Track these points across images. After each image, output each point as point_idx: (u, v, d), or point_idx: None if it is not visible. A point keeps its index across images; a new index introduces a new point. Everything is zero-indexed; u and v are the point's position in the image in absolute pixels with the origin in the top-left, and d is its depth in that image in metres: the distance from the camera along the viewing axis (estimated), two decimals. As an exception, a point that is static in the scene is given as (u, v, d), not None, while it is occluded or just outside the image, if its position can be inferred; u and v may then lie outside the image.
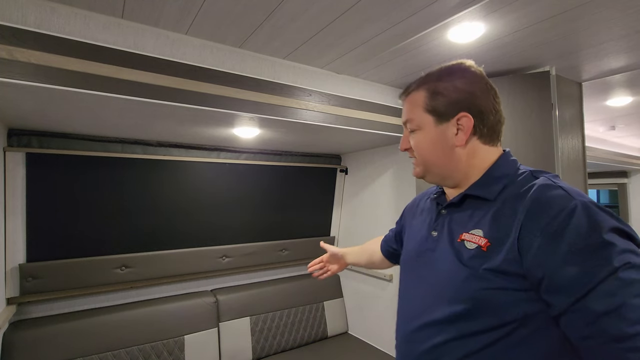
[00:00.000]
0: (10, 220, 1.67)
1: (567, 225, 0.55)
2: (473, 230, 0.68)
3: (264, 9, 1.18)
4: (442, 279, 0.69)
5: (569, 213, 0.56)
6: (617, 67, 1.72)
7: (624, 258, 0.52)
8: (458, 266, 0.67)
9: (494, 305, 0.61)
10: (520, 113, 1.68)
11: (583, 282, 0.52)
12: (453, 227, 0.73)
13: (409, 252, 0.85)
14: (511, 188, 0.68)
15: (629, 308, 0.49)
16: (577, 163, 1.84)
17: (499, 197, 0.68)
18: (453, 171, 0.75)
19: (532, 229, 0.59)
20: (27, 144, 1.67)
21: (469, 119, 0.72)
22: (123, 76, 1.20)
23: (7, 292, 1.67)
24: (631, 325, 0.49)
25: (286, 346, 2.41)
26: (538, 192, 0.62)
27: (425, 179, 0.80)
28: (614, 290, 0.50)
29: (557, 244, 0.55)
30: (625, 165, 4.02)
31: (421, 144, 0.76)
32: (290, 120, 1.58)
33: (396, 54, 1.54)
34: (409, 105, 0.78)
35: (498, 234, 0.63)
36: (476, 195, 0.71)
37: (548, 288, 0.56)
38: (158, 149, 2.00)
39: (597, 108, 2.52)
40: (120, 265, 1.97)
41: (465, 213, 0.72)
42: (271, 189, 2.50)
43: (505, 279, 0.60)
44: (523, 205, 0.62)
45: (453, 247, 0.70)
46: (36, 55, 1.06)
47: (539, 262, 0.57)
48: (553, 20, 1.27)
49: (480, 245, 0.65)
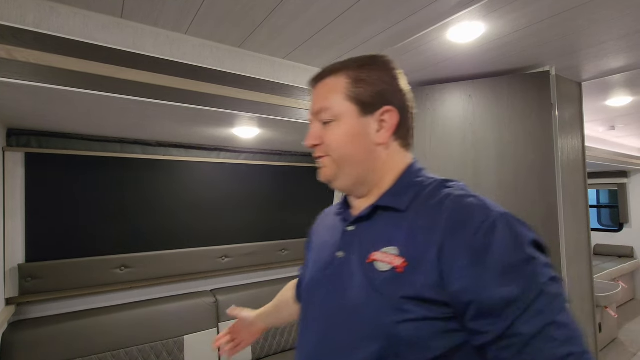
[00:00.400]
0: (10, 220, 1.66)
1: (491, 242, 0.49)
2: (385, 248, 0.57)
3: (263, 9, 1.18)
4: (350, 312, 0.57)
5: (491, 227, 0.50)
6: (617, 67, 1.72)
7: (547, 273, 0.49)
8: (369, 294, 0.55)
9: (415, 341, 0.50)
10: (520, 113, 1.68)
11: (515, 304, 0.46)
12: (362, 246, 0.61)
13: (308, 281, 0.70)
14: (422, 197, 0.60)
15: (556, 327, 0.46)
16: (577, 163, 1.84)
17: (411, 207, 0.59)
18: (370, 173, 0.64)
19: (454, 246, 0.51)
20: (26, 144, 1.67)
21: (395, 115, 0.64)
22: (122, 76, 1.19)
23: (6, 292, 1.67)
24: (560, 345, 0.45)
25: (286, 346, 2.40)
26: (455, 203, 0.55)
27: (334, 183, 0.66)
28: (542, 308, 0.46)
29: (484, 263, 0.48)
30: (625, 165, 4.02)
31: (339, 137, 0.63)
32: (290, 120, 1.57)
33: (396, 53, 1.54)
34: (323, 91, 0.66)
35: (415, 252, 0.54)
36: (387, 207, 0.62)
37: (478, 313, 0.48)
38: (158, 149, 2.00)
39: (597, 108, 2.52)
40: (119, 265, 1.97)
41: (376, 228, 0.61)
42: (271, 189, 2.50)
43: (426, 308, 0.51)
44: (440, 218, 0.54)
45: (362, 270, 0.58)
46: (35, 55, 1.06)
47: (466, 285, 0.49)
48: (553, 20, 1.27)
49: (395, 266, 0.54)
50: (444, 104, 1.83)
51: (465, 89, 1.78)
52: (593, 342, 1.86)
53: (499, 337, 0.47)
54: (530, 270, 0.48)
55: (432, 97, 1.85)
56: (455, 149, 1.79)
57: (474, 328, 0.49)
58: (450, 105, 1.81)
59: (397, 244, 0.56)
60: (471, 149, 1.76)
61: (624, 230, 4.72)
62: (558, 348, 0.45)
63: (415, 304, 0.51)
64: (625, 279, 4.22)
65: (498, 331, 0.47)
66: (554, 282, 0.49)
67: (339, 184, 0.66)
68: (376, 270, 0.56)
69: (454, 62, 1.64)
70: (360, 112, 0.63)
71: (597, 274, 3.60)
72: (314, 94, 0.68)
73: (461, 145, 1.78)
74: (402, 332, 0.51)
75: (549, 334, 0.45)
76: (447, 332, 0.51)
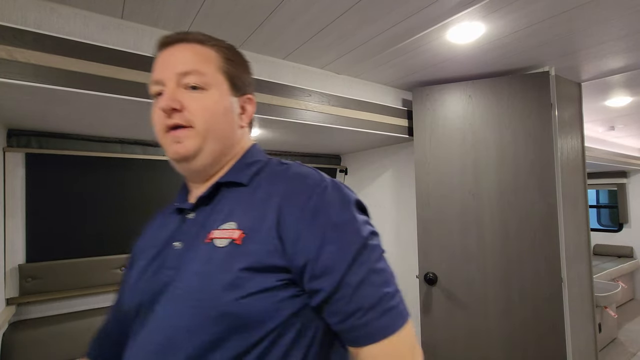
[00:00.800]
0: (10, 221, 1.66)
1: (323, 203, 0.53)
2: (224, 224, 0.55)
3: (263, 9, 1.18)
4: (189, 300, 0.52)
5: (323, 190, 0.54)
6: (617, 67, 1.72)
7: (368, 228, 0.55)
8: (207, 275, 0.51)
9: (257, 316, 0.49)
10: (519, 113, 1.68)
11: (344, 258, 0.51)
12: (204, 229, 0.57)
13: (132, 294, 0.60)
14: (265, 172, 0.61)
15: (375, 273, 0.52)
16: (576, 163, 1.85)
17: (254, 181, 0.59)
18: (227, 153, 0.63)
19: (291, 210, 0.53)
20: (27, 144, 1.67)
21: (254, 104, 0.67)
22: (122, 76, 1.19)
23: (6, 292, 1.67)
24: (379, 288, 0.52)
25: (286, 346, 2.40)
26: (292, 171, 0.58)
27: (193, 161, 0.60)
28: (365, 259, 0.52)
29: (318, 222, 0.52)
30: (625, 166, 4.03)
31: (210, 108, 0.59)
32: (290, 121, 1.58)
33: (396, 54, 1.54)
34: (191, 55, 0.59)
35: (254, 222, 0.53)
36: (230, 182, 0.60)
37: (313, 273, 0.51)
38: (158, 149, 2.00)
39: (597, 108, 2.53)
40: (120, 266, 1.97)
41: (217, 208, 0.59)
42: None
43: (266, 277, 0.50)
44: (278, 185, 0.56)
45: (201, 252, 0.54)
46: (36, 56, 1.06)
47: (303, 245, 0.51)
48: (553, 20, 1.27)
49: (233, 239, 0.53)
50: (444, 104, 1.83)
51: (465, 89, 1.79)
52: (593, 342, 1.87)
53: (333, 291, 0.50)
54: (356, 227, 0.53)
55: (432, 97, 1.85)
56: (455, 149, 1.79)
57: (312, 288, 0.51)
58: (450, 106, 1.81)
59: (235, 218, 0.55)
60: (471, 149, 1.76)
61: (623, 230, 4.72)
62: (377, 290, 0.51)
63: (255, 275, 0.50)
64: (624, 279, 4.23)
65: (332, 285, 0.50)
66: (374, 235, 0.55)
67: (198, 163, 0.60)
68: (215, 248, 0.53)
69: (454, 62, 1.64)
70: (230, 90, 0.62)
71: (596, 274, 3.60)
72: (172, 54, 0.60)
73: (461, 145, 1.78)
74: (244, 308, 0.49)
75: (370, 280, 0.51)
76: (288, 300, 0.51)
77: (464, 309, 1.72)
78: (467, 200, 1.75)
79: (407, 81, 1.89)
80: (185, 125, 0.58)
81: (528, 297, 1.61)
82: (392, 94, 1.99)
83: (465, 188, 1.76)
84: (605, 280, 3.59)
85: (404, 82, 1.91)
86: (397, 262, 2.31)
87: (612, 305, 3.21)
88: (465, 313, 1.72)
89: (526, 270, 1.62)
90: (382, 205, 2.45)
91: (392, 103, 1.97)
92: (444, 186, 1.80)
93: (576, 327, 1.70)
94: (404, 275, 2.26)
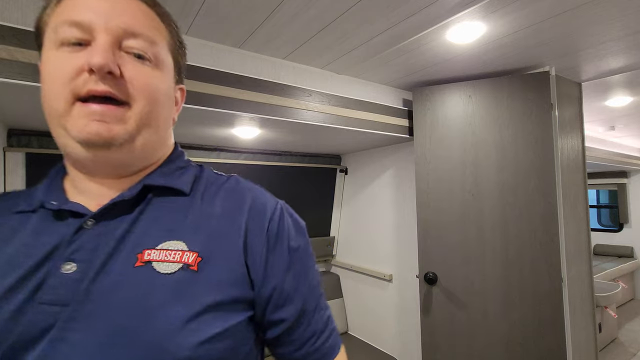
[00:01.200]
0: (10, 221, 1.66)
1: (282, 227, 0.49)
2: (165, 242, 0.43)
3: (264, 9, 1.18)
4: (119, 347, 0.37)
5: (281, 213, 0.50)
6: (617, 67, 1.72)
7: (311, 250, 0.53)
8: (146, 313, 0.38)
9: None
10: (519, 113, 1.68)
11: (305, 284, 0.49)
12: (123, 246, 0.42)
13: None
14: (205, 181, 0.51)
15: (322, 296, 0.52)
16: (576, 163, 1.85)
17: (196, 191, 0.49)
18: (161, 147, 0.50)
19: (256, 233, 0.47)
20: (27, 144, 1.67)
21: (184, 97, 0.58)
22: (123, 76, 1.19)
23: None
24: (325, 310, 0.51)
25: (286, 346, 2.41)
26: (244, 187, 0.52)
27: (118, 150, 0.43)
28: (317, 283, 0.51)
29: (281, 248, 0.48)
30: (625, 166, 4.03)
31: (158, 87, 0.46)
32: (290, 121, 1.58)
33: (396, 54, 1.54)
34: (142, 15, 0.45)
35: (212, 243, 0.44)
36: (164, 188, 0.47)
37: (278, 302, 0.46)
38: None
39: (597, 108, 2.53)
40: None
41: (143, 218, 0.45)
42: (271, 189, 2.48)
43: (231, 312, 0.42)
44: (236, 203, 0.48)
45: (128, 280, 0.40)
46: (36, 56, 1.06)
47: (271, 273, 0.46)
48: (553, 20, 1.27)
49: (186, 263, 0.41)
50: (444, 104, 1.83)
51: (465, 90, 1.79)
52: (593, 342, 1.87)
53: (295, 320, 0.48)
54: (310, 252, 0.52)
55: (432, 97, 1.85)
56: (455, 149, 1.79)
57: (275, 319, 0.47)
58: (451, 106, 1.81)
59: (182, 236, 0.43)
60: (471, 149, 1.76)
61: (623, 230, 4.72)
62: (325, 313, 0.51)
63: (219, 311, 0.41)
64: (625, 279, 4.22)
65: (296, 314, 0.48)
66: (314, 256, 0.53)
67: (123, 155, 0.44)
68: (157, 274, 0.40)
69: (454, 62, 1.64)
70: (174, 76, 0.52)
71: (597, 274, 3.60)
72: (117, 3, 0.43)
73: (461, 145, 1.78)
74: (204, 356, 0.38)
75: (321, 304, 0.51)
76: (248, 338, 0.45)
77: (464, 309, 1.72)
78: (467, 200, 1.75)
79: (408, 81, 1.89)
80: (120, 99, 0.42)
81: (528, 297, 1.61)
82: (392, 93, 1.99)
83: (465, 188, 1.76)
84: (606, 280, 3.59)
85: (404, 82, 1.91)
86: (397, 262, 2.31)
87: (612, 305, 3.21)
88: (465, 313, 1.72)
89: (526, 270, 1.62)
90: (382, 205, 2.45)
91: (393, 103, 1.97)
92: (444, 186, 1.80)
93: (576, 327, 1.70)
94: (404, 275, 2.26)
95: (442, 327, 1.77)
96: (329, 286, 2.74)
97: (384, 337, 2.43)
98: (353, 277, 2.71)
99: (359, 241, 2.67)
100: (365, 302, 2.59)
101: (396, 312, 2.32)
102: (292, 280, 0.48)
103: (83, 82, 0.40)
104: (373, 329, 2.52)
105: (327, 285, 2.73)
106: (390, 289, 2.37)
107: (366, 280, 2.57)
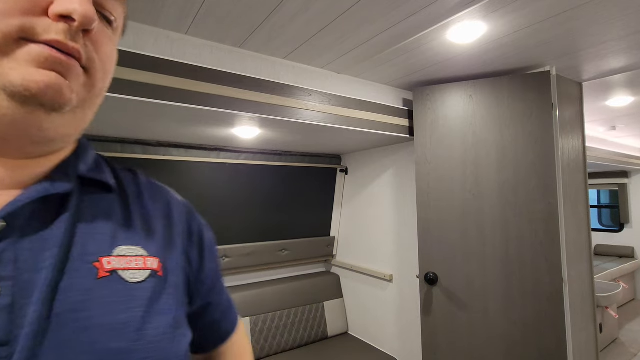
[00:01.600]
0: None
1: (201, 223, 0.53)
2: (121, 247, 0.37)
3: (264, 9, 1.18)
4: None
5: (194, 210, 0.54)
6: (618, 67, 1.71)
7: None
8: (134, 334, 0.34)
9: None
10: (520, 113, 1.68)
11: (219, 271, 0.56)
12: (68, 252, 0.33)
13: None
14: (119, 174, 0.45)
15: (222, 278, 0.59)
16: (577, 163, 1.84)
17: (122, 186, 0.44)
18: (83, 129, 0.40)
19: (191, 231, 0.49)
20: None
21: None
22: (122, 76, 1.19)
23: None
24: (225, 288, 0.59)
25: (286, 346, 2.40)
26: (161, 185, 0.50)
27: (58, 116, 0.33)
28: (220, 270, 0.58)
29: (206, 244, 0.52)
30: (626, 166, 4.02)
31: (114, 59, 0.40)
32: (291, 121, 1.57)
33: (396, 54, 1.54)
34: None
35: (159, 245, 0.41)
36: (93, 181, 0.39)
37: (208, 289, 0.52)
38: (158, 149, 2.00)
39: (598, 108, 2.52)
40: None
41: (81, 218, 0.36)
42: (271, 189, 2.50)
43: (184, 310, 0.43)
44: (163, 203, 0.46)
45: (96, 297, 0.33)
46: None
47: (207, 267, 0.51)
48: (553, 20, 1.27)
49: (153, 269, 0.38)
50: (444, 104, 1.83)
51: (465, 89, 1.78)
52: (594, 343, 1.86)
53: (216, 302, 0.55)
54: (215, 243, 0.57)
55: (433, 97, 1.85)
56: (456, 149, 1.79)
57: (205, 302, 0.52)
58: (451, 105, 1.81)
59: (137, 240, 0.39)
60: (471, 149, 1.76)
61: (624, 230, 4.71)
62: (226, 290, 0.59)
63: (184, 311, 0.42)
64: (625, 279, 4.22)
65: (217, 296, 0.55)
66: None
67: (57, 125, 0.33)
68: (128, 284, 0.35)
69: (455, 62, 1.64)
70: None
71: (597, 274, 3.59)
72: None
73: (461, 145, 1.78)
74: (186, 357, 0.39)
75: (223, 283, 0.58)
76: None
77: (464, 309, 1.72)
78: (467, 200, 1.74)
79: (408, 81, 1.89)
80: (82, 62, 0.33)
81: (529, 297, 1.61)
82: (392, 93, 1.99)
83: (465, 188, 1.75)
84: (606, 281, 3.59)
85: (405, 82, 1.91)
86: (397, 262, 2.31)
87: (613, 305, 3.21)
88: (465, 313, 1.72)
89: (527, 270, 1.62)
90: (382, 205, 2.45)
91: (393, 103, 1.97)
92: (444, 186, 1.79)
93: (577, 327, 1.70)
94: (404, 275, 2.25)
95: (443, 327, 1.76)
96: (329, 286, 2.73)
97: (384, 337, 2.42)
98: (353, 277, 2.71)
99: (359, 241, 2.67)
100: (365, 303, 2.59)
101: (396, 313, 2.32)
102: (213, 270, 0.54)
103: (44, 27, 0.30)
104: (373, 329, 2.52)
105: (327, 285, 2.72)
106: (390, 289, 2.37)
107: (366, 281, 2.57)
